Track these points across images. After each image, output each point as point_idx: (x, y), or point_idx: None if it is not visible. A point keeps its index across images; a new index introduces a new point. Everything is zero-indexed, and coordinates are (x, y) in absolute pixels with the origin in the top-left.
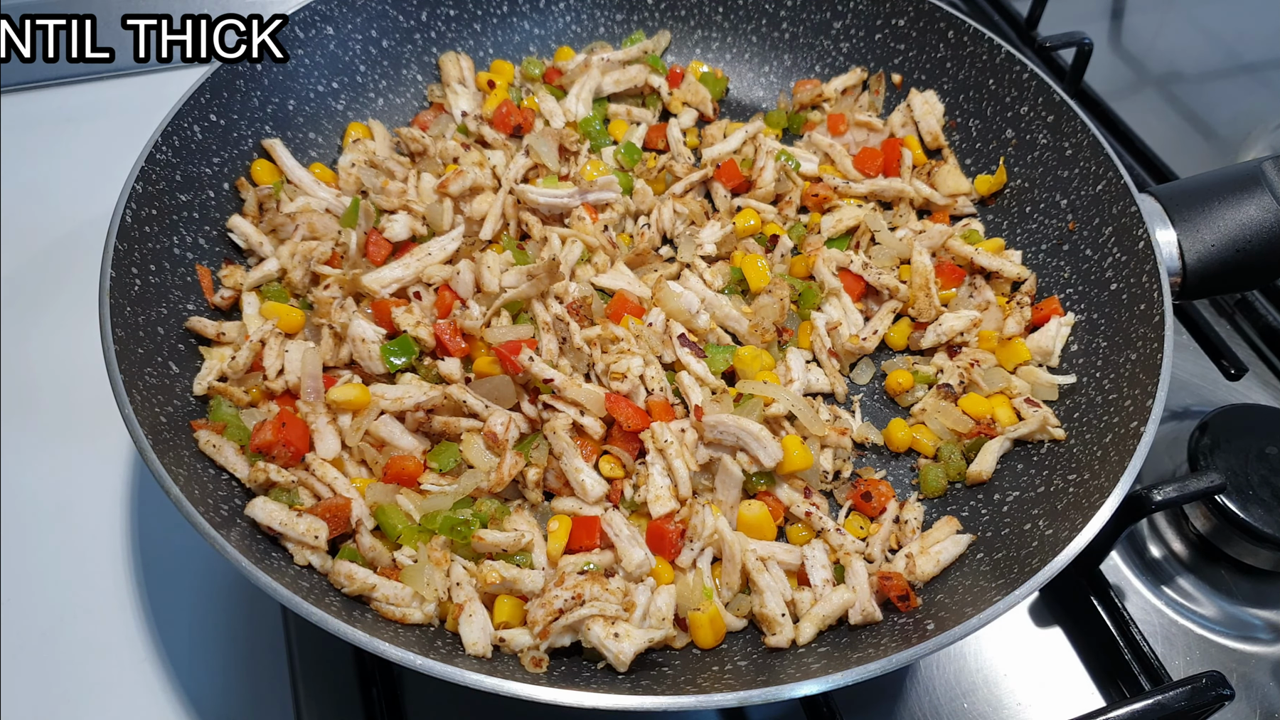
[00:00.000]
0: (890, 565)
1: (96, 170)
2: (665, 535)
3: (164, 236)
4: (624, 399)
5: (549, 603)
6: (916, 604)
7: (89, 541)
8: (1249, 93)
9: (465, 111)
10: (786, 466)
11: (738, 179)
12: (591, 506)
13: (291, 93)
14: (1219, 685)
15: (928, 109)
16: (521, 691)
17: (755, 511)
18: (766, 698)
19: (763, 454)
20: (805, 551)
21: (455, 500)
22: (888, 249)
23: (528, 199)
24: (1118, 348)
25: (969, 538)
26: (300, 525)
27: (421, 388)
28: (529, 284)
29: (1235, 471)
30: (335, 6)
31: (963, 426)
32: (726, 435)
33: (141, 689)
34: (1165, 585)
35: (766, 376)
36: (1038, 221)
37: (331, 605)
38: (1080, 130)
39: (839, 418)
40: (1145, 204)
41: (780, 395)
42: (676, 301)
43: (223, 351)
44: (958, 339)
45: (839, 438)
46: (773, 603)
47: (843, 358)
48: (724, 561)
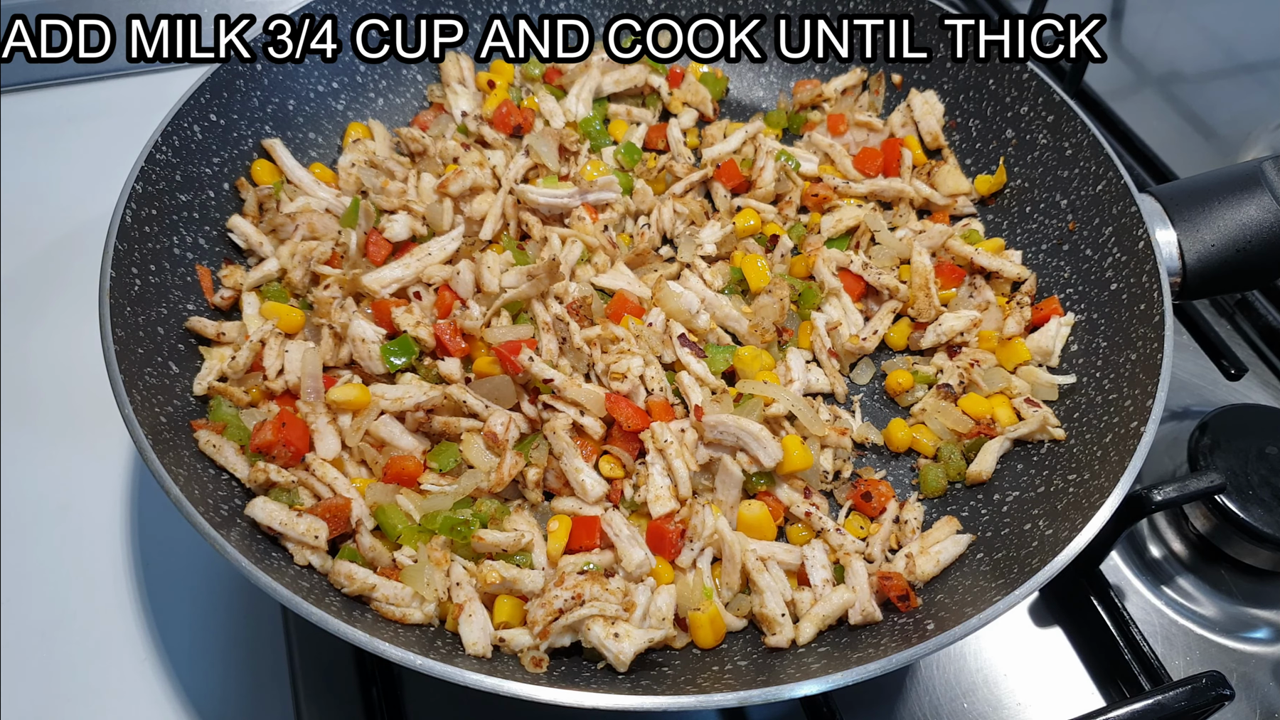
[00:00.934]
0: (890, 565)
1: (96, 170)
2: (665, 535)
3: (164, 236)
4: (624, 399)
5: (549, 603)
6: (916, 604)
7: (89, 541)
8: (1249, 93)
9: (465, 111)
10: (786, 466)
11: (738, 179)
12: (591, 506)
13: (291, 93)
14: (1219, 685)
15: (928, 109)
16: (521, 691)
17: (755, 511)
18: (766, 698)
19: (763, 454)
20: (805, 551)
21: (455, 500)
22: (888, 249)
23: (528, 199)
24: (1118, 348)
25: (969, 538)
26: (300, 525)
27: (421, 388)
28: (529, 284)
29: (1235, 471)
30: (335, 6)
31: (963, 426)
32: (726, 435)
33: (141, 689)
34: (1165, 585)
35: (766, 376)
36: (1038, 221)
37: (331, 605)
38: (1080, 130)
39: (839, 418)
40: (1145, 204)
41: (780, 395)
42: (676, 301)
43: (223, 351)
44: (958, 339)
45: (839, 438)
46: (773, 603)
47: (843, 358)
48: (724, 561)
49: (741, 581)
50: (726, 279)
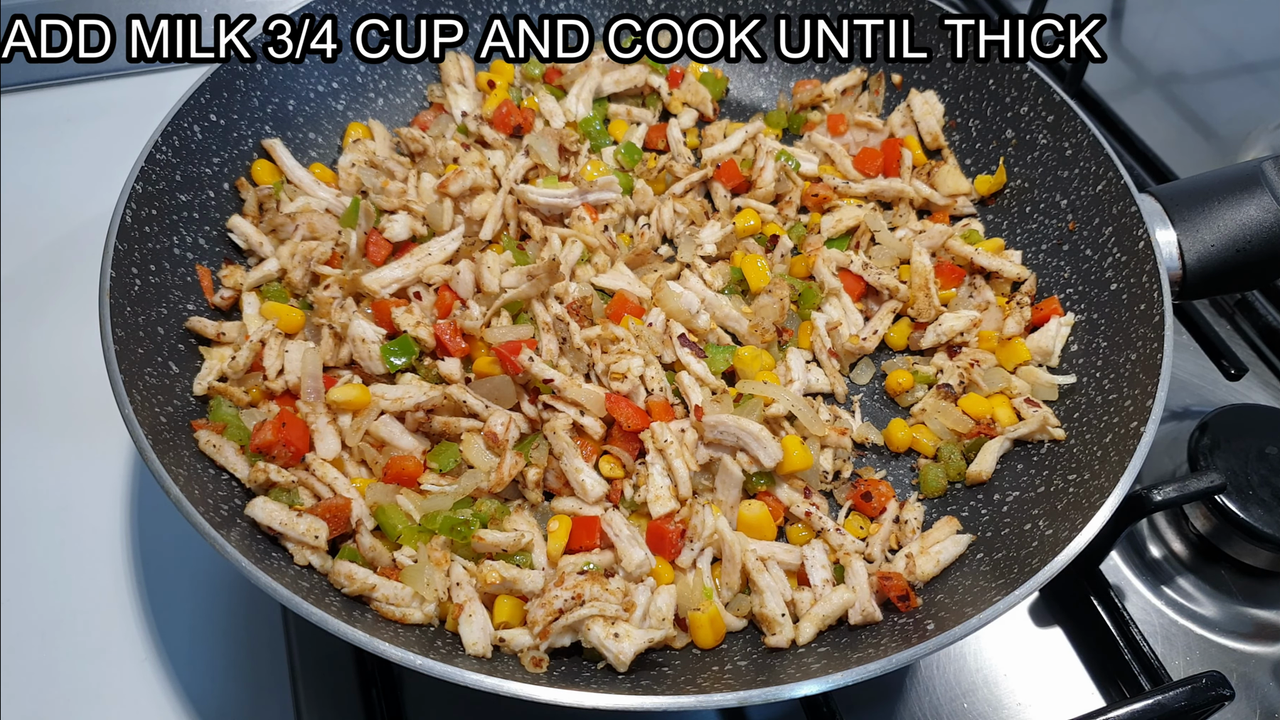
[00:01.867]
0: (890, 565)
1: (96, 170)
2: (665, 535)
3: (164, 237)
4: (624, 399)
5: (549, 603)
6: (916, 604)
7: (89, 541)
8: (1249, 93)
9: (465, 111)
10: (786, 466)
11: (738, 179)
12: (591, 506)
13: (291, 93)
14: (1219, 685)
15: (928, 109)
16: (521, 691)
17: (755, 511)
18: (766, 698)
19: (763, 454)
20: (805, 551)
21: (455, 500)
22: (888, 249)
23: (528, 199)
24: (1118, 348)
25: (969, 538)
26: (300, 525)
27: (421, 388)
28: (529, 284)
29: (1235, 471)
30: (335, 6)
31: (963, 426)
32: (726, 435)
33: (141, 689)
34: (1165, 585)
35: (766, 377)
36: (1038, 221)
37: (331, 605)
38: (1080, 130)
39: (839, 418)
40: (1145, 204)
41: (780, 395)
42: (676, 302)
43: (223, 351)
44: (957, 339)
45: (839, 438)
46: (773, 603)
47: (843, 358)
48: (724, 561)
49: (741, 581)
50: (726, 279)
